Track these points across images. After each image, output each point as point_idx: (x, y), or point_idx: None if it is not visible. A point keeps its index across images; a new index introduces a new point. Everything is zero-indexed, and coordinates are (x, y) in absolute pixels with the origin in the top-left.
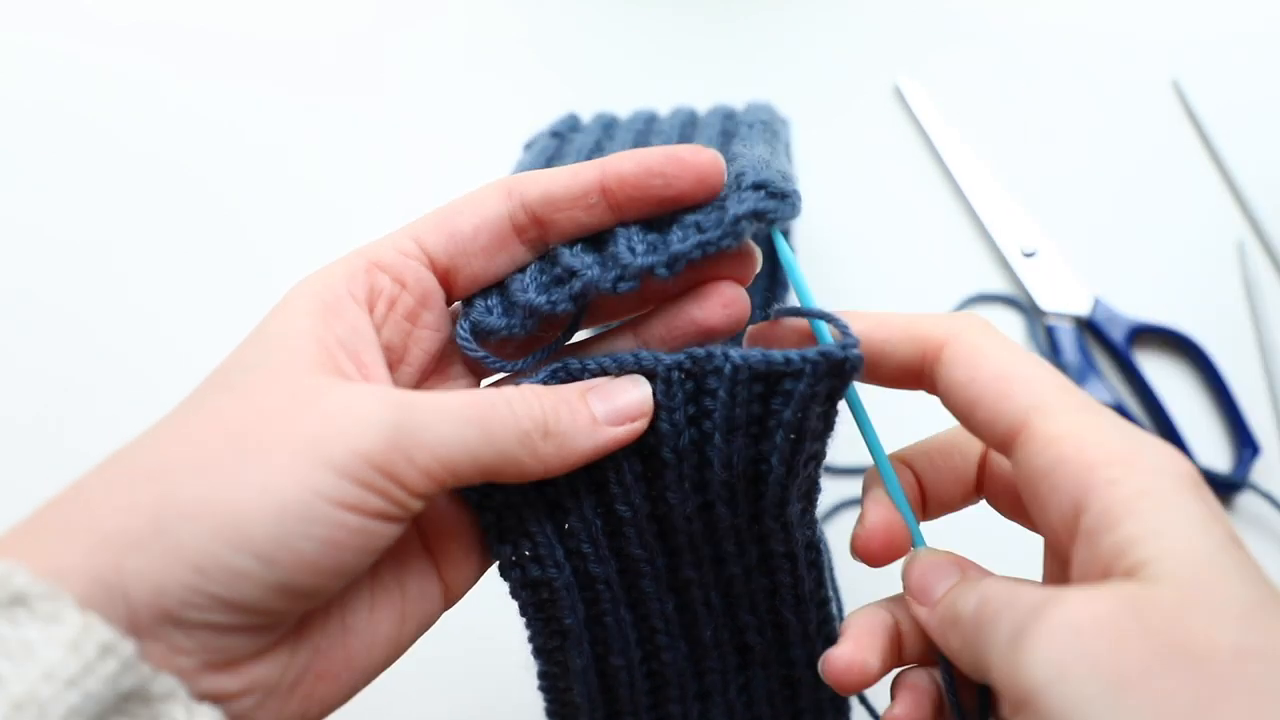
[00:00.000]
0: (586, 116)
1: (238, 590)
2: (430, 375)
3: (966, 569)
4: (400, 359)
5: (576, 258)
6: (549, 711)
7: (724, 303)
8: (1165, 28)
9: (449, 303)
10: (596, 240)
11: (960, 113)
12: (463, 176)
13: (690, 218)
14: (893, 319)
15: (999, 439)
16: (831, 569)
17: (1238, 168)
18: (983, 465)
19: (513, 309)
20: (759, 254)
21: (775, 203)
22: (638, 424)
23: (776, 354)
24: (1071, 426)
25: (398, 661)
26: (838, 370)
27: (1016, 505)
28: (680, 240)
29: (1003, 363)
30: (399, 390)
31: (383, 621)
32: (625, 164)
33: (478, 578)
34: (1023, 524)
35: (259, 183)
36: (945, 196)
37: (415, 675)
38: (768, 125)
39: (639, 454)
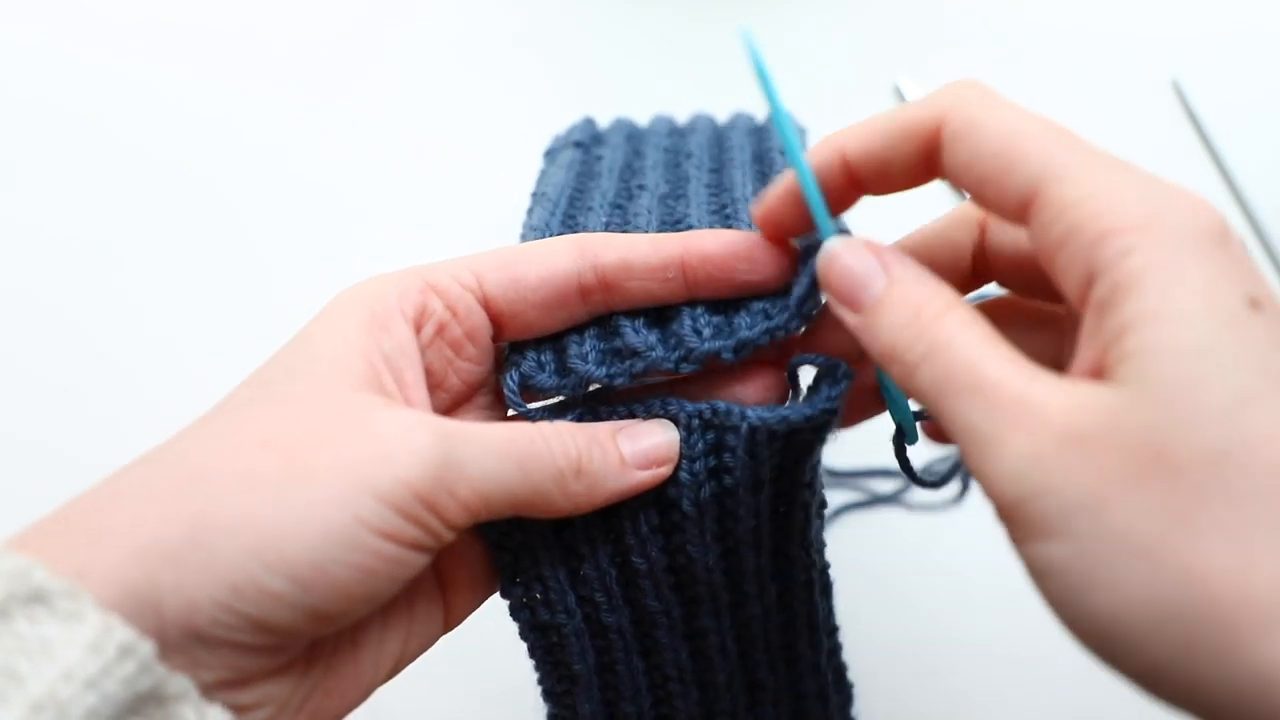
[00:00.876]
0: (595, 119)
1: (269, 612)
2: (462, 403)
3: (889, 265)
4: (439, 384)
5: (641, 337)
6: None
7: (767, 385)
8: (1165, 28)
9: (494, 340)
10: (658, 314)
11: None
12: (463, 174)
13: (757, 304)
14: (877, 122)
15: (1014, 215)
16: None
17: (1238, 168)
18: (981, 252)
19: (567, 372)
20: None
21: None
22: (664, 470)
23: (793, 413)
24: (1086, 190)
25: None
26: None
27: (1031, 283)
28: (748, 327)
29: (1004, 133)
30: (443, 420)
31: (391, 641)
32: (710, 245)
33: (479, 605)
34: (1041, 299)
35: (260, 183)
36: (945, 196)
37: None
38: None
39: (656, 505)
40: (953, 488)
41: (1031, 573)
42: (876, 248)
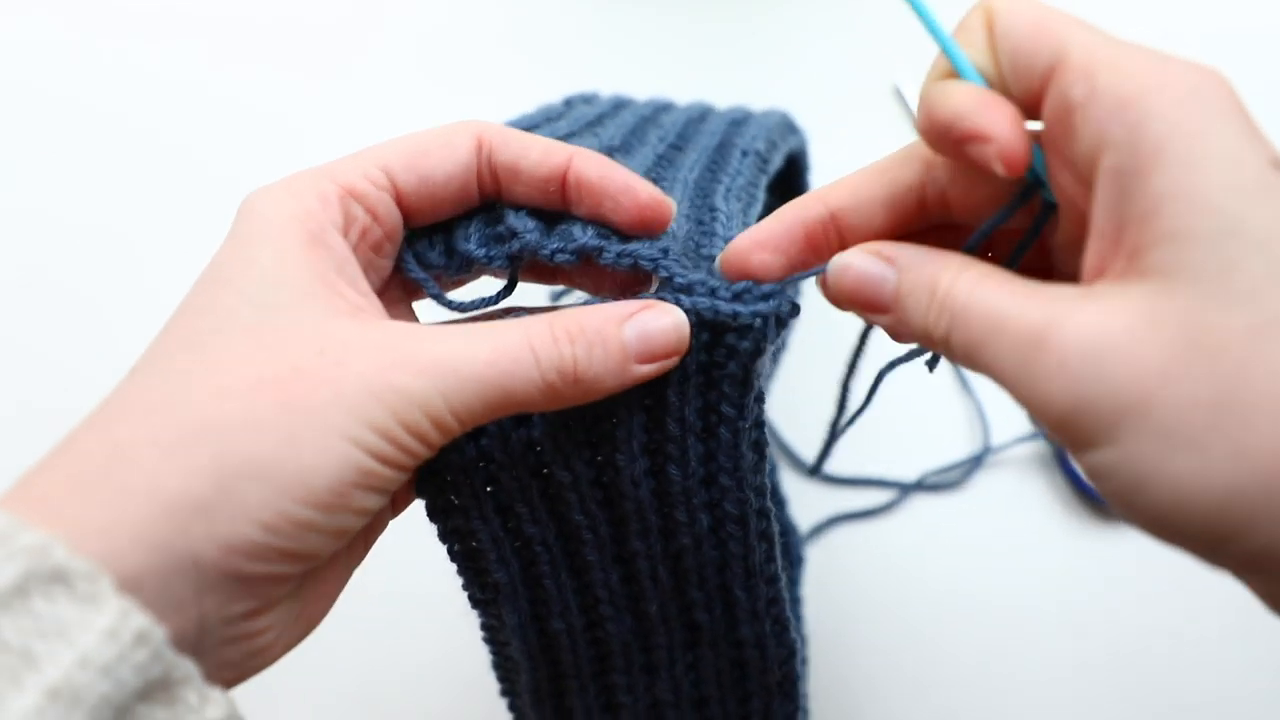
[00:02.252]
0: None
1: (302, 541)
2: (380, 296)
3: (892, 258)
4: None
5: (520, 220)
6: (494, 664)
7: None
8: (1165, 28)
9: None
10: (545, 214)
11: None
12: None
13: (665, 244)
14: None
15: (1039, 88)
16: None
17: None
18: (923, 191)
19: (452, 253)
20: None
21: (696, 313)
22: (669, 363)
23: (724, 305)
24: (1107, 57)
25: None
26: (780, 322)
27: (968, 220)
28: (645, 248)
29: (1036, 14)
30: (422, 342)
31: (359, 539)
32: (591, 169)
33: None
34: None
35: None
36: None
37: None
38: (761, 156)
39: (582, 418)
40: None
41: (1090, 477)
42: (874, 248)
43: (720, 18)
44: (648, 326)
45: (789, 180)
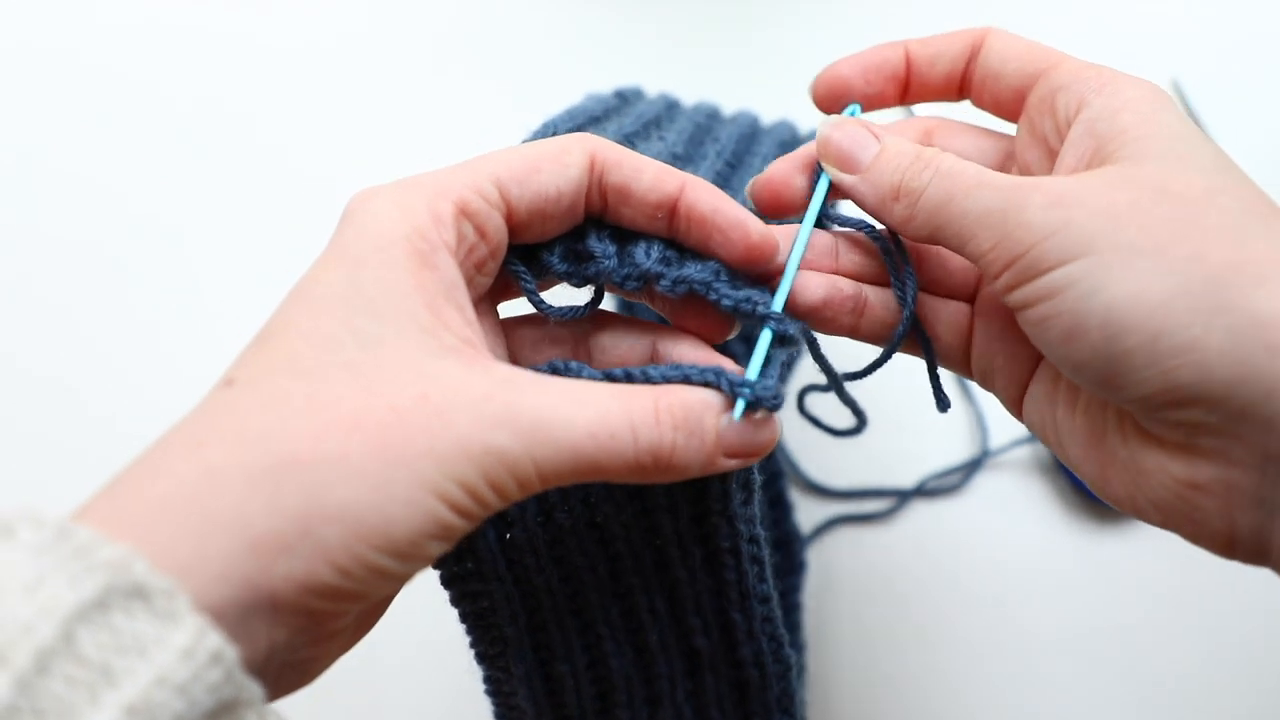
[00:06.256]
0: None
1: (374, 586)
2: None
3: (879, 134)
4: None
5: (600, 244)
6: (497, 716)
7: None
8: (1165, 28)
9: None
10: (625, 235)
11: (960, 113)
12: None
13: (717, 264)
14: (937, 36)
15: (1023, 89)
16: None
17: None
18: (968, 72)
19: (540, 271)
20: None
21: (771, 337)
22: (750, 461)
23: (695, 372)
24: (1090, 70)
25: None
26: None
27: (998, 105)
28: (697, 271)
29: (1025, 43)
30: (530, 395)
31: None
32: (704, 202)
33: None
34: (1001, 115)
35: (262, 172)
36: None
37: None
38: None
39: None
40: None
41: (1043, 297)
42: (865, 123)
43: (721, 19)
44: (753, 425)
45: None
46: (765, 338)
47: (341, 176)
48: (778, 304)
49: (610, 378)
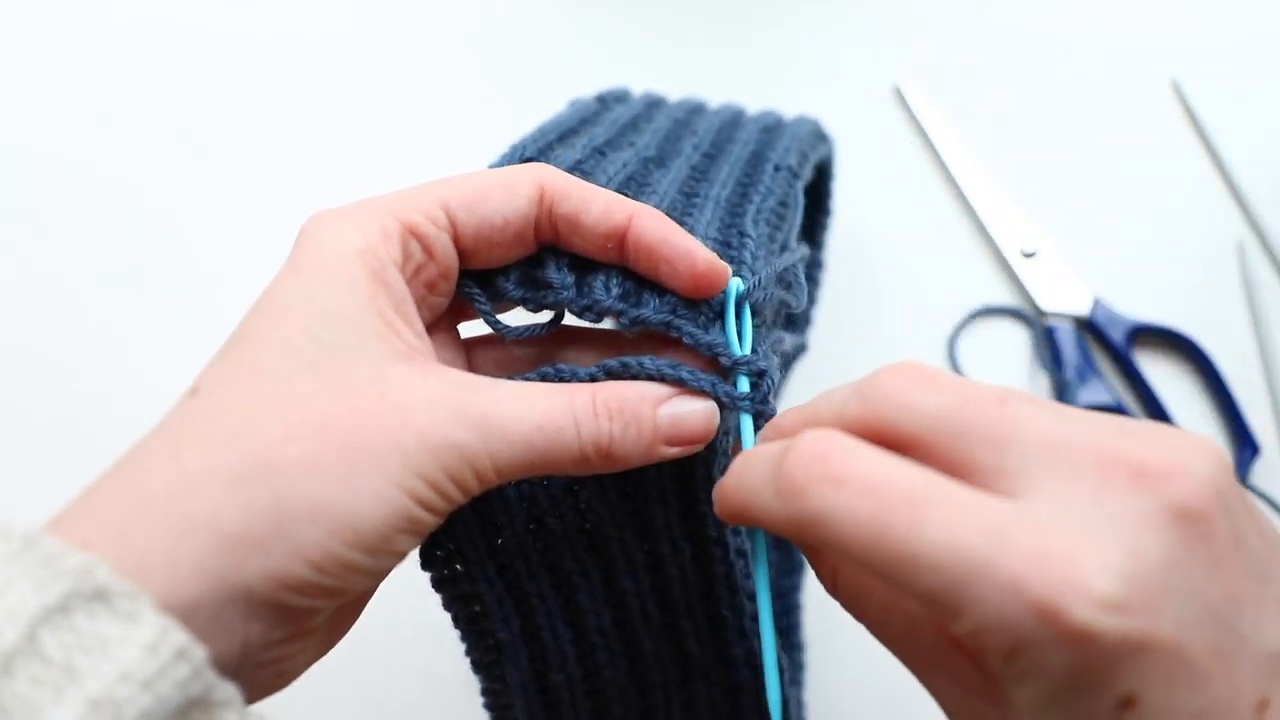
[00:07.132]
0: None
1: (347, 580)
2: (430, 332)
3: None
4: None
5: (559, 274)
6: None
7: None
8: (1165, 28)
9: None
10: (585, 261)
11: (960, 113)
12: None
13: (674, 298)
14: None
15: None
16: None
17: (1238, 168)
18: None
19: (496, 295)
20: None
21: (732, 385)
22: (694, 449)
23: (686, 374)
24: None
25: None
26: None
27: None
28: (653, 310)
29: None
30: (474, 396)
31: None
32: (650, 233)
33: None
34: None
35: (271, 170)
36: (945, 197)
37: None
38: (793, 171)
39: None
40: None
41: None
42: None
43: (721, 19)
44: (680, 413)
45: (812, 185)
46: (743, 383)
47: (341, 172)
48: (746, 349)
49: (605, 369)
